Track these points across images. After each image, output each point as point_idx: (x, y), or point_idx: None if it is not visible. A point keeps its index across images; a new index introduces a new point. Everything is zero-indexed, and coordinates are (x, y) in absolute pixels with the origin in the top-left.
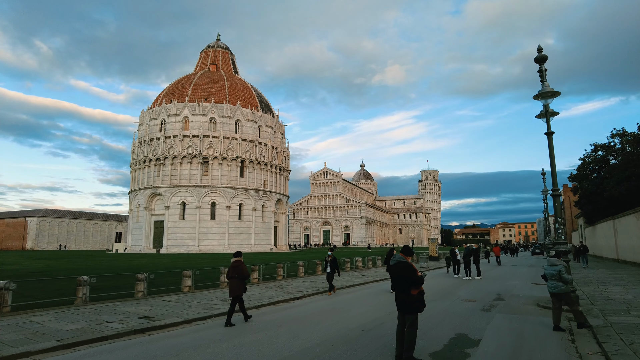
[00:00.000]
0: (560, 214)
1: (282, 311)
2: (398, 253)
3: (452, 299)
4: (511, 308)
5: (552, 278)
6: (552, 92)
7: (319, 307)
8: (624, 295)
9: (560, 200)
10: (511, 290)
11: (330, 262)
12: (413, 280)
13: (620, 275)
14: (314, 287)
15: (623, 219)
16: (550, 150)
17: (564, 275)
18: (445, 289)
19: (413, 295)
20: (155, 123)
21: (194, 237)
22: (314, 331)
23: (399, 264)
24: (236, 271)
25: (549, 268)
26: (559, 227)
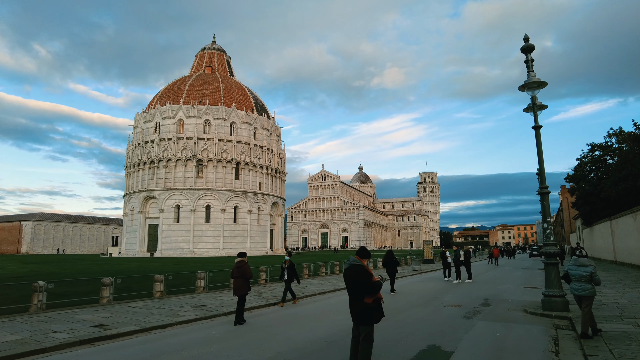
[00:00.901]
0: (550, 214)
1: (248, 319)
2: (352, 255)
3: (435, 304)
4: (496, 315)
5: (581, 280)
6: (539, 83)
7: (283, 315)
8: (618, 300)
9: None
10: (501, 294)
11: (287, 269)
12: (367, 287)
13: (617, 278)
14: (297, 291)
15: (620, 220)
16: (538, 144)
17: (596, 277)
18: (431, 294)
19: (367, 304)
20: (150, 126)
21: (188, 240)
22: (270, 343)
23: (352, 267)
24: (240, 271)
25: (578, 269)
26: (548, 227)
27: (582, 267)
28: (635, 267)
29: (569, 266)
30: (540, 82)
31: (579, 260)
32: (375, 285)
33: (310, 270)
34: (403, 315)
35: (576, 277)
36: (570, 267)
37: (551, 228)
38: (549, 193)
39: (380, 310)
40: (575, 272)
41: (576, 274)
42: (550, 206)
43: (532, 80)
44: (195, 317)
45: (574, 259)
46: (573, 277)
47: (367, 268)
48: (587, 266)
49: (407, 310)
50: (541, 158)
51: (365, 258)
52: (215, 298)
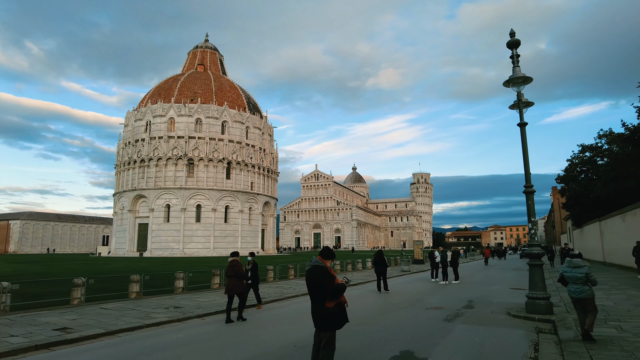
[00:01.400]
0: (535, 214)
1: (210, 324)
2: (315, 256)
3: (418, 306)
4: (478, 318)
5: (578, 282)
6: (524, 79)
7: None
8: (603, 302)
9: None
10: (487, 296)
11: (251, 270)
12: (329, 290)
13: (605, 279)
14: (278, 293)
15: (609, 221)
16: (523, 142)
17: (592, 277)
18: (416, 295)
19: (329, 309)
20: (141, 124)
21: (178, 240)
22: (238, 348)
23: (314, 269)
24: (234, 270)
25: (573, 271)
26: (532, 227)
27: (577, 269)
28: (624, 268)
29: (563, 268)
30: (526, 78)
31: (573, 261)
32: (338, 288)
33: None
34: (382, 318)
35: (572, 279)
36: (565, 269)
37: (536, 228)
38: (533, 192)
39: (344, 315)
40: (571, 274)
41: (572, 275)
42: (543, 207)
43: (517, 76)
44: (167, 319)
45: (568, 261)
46: (569, 280)
47: (330, 270)
48: (582, 267)
49: (388, 312)
50: (526, 156)
51: (329, 259)
52: (193, 299)
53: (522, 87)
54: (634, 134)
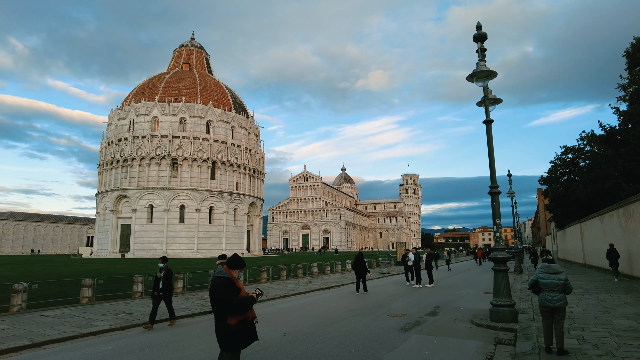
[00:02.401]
0: (500, 215)
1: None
2: (220, 265)
3: (378, 313)
4: (437, 326)
5: (555, 289)
6: (488, 72)
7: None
8: (573, 308)
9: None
10: (456, 300)
11: (163, 278)
12: (229, 305)
13: (581, 282)
14: None
15: (589, 223)
16: (489, 139)
17: (569, 284)
18: (381, 300)
19: (230, 326)
20: (124, 123)
21: (161, 241)
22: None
23: (216, 279)
24: None
25: (551, 277)
26: (497, 230)
27: (555, 275)
28: (602, 270)
29: (538, 274)
30: (490, 72)
31: (552, 267)
32: (241, 303)
33: (269, 275)
34: (334, 326)
35: (550, 287)
36: (542, 275)
37: (500, 231)
38: (499, 193)
39: (250, 332)
40: (548, 281)
41: (549, 282)
42: (530, 209)
43: (481, 69)
44: (108, 327)
45: (544, 266)
46: (545, 287)
47: (236, 281)
48: (560, 273)
49: (344, 319)
50: (492, 155)
51: (236, 268)
52: (149, 305)
53: (486, 81)
54: (611, 135)
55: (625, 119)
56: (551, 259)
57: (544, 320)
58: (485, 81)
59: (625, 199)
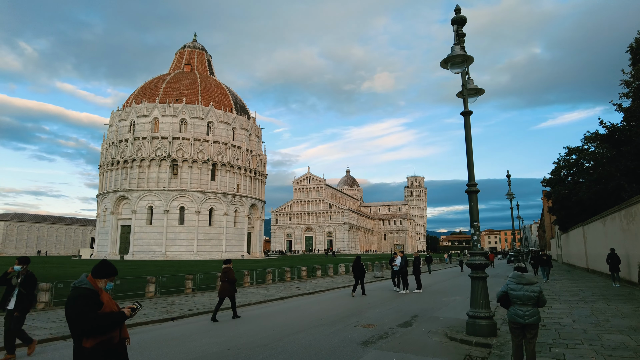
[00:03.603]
0: (478, 217)
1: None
2: (86, 273)
3: (348, 322)
4: (405, 340)
5: (528, 303)
6: (464, 57)
7: (152, 336)
8: (562, 319)
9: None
10: (439, 308)
11: (20, 286)
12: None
13: (579, 289)
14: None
15: (591, 225)
16: (467, 132)
17: (544, 297)
18: (357, 308)
19: (85, 349)
20: (125, 124)
21: (161, 243)
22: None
23: (73, 291)
24: (226, 276)
25: (524, 288)
26: (475, 232)
27: (528, 286)
28: (605, 275)
29: (509, 284)
30: (466, 57)
31: (524, 276)
32: (102, 319)
33: (253, 279)
34: (290, 339)
35: (522, 300)
36: (512, 286)
37: (478, 234)
38: (477, 192)
39: (116, 357)
40: (520, 293)
41: (521, 294)
42: (536, 212)
43: (456, 54)
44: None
45: (516, 275)
46: (516, 300)
47: (101, 293)
48: (534, 284)
49: (306, 330)
50: (470, 150)
51: (102, 277)
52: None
53: (461, 68)
54: (613, 133)
55: (627, 116)
56: (523, 267)
57: (514, 339)
58: (460, 67)
59: (627, 201)
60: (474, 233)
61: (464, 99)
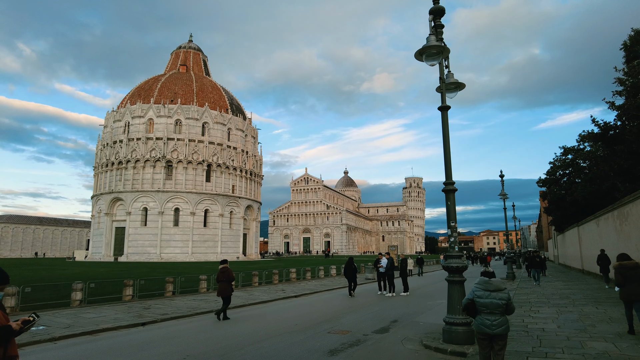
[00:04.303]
0: (455, 216)
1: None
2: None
3: (321, 329)
4: (376, 349)
5: (496, 311)
6: (439, 49)
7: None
8: (547, 324)
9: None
10: (422, 313)
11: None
12: None
13: (571, 291)
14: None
15: (586, 226)
16: (445, 128)
17: (512, 305)
18: (335, 312)
19: None
20: (119, 125)
21: (155, 244)
22: None
23: None
24: (224, 275)
25: (491, 295)
26: (452, 233)
27: (496, 293)
28: (599, 277)
29: (475, 291)
30: (441, 48)
31: (492, 282)
32: None
33: (238, 282)
34: (253, 347)
35: (489, 307)
36: (479, 293)
37: (456, 235)
38: (454, 191)
39: None
40: (487, 301)
41: (488, 302)
42: (535, 212)
43: (431, 44)
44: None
45: (483, 281)
46: (483, 308)
47: None
48: (502, 290)
49: (274, 337)
50: (447, 146)
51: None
52: (77, 316)
53: (436, 60)
54: (606, 131)
55: (621, 114)
56: (491, 272)
57: (481, 350)
58: (436, 59)
59: (619, 201)
60: (451, 234)
61: (442, 93)
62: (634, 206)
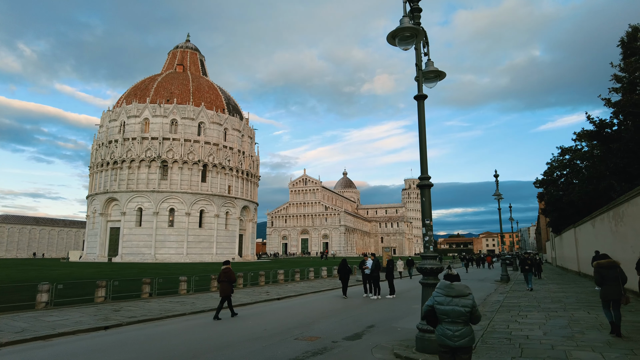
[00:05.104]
0: (430, 214)
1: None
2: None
3: (290, 335)
4: (340, 358)
5: (459, 320)
6: (413, 31)
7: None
8: (532, 331)
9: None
10: (402, 317)
11: None
12: None
13: (564, 295)
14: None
15: (582, 227)
16: (421, 119)
17: (477, 313)
18: (311, 316)
19: None
20: (115, 125)
21: (150, 245)
22: None
23: None
24: (226, 276)
25: (453, 302)
26: (427, 232)
27: (459, 299)
28: None
29: (435, 297)
30: (415, 30)
31: (454, 286)
32: None
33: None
34: (207, 356)
35: (451, 316)
36: (439, 299)
37: (430, 234)
38: (430, 186)
39: None
40: (448, 308)
41: (449, 310)
42: (533, 214)
43: (404, 26)
44: None
45: (445, 285)
46: (444, 316)
47: None
48: (465, 296)
49: (234, 345)
50: (423, 138)
51: None
52: (37, 319)
53: (410, 44)
54: (601, 128)
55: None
56: (454, 275)
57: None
58: (409, 43)
59: (615, 200)
60: (426, 233)
61: (418, 82)
62: (629, 206)
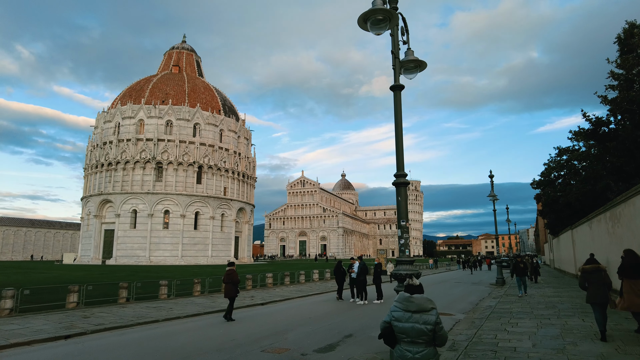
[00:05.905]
0: (407, 214)
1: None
2: None
3: (256, 346)
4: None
5: (419, 340)
6: (386, 13)
7: None
8: (521, 342)
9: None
10: None
11: None
12: None
13: (559, 300)
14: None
15: (579, 229)
16: (397, 110)
17: (442, 332)
18: (287, 324)
19: None
20: (110, 126)
21: (144, 247)
22: None
23: None
24: (229, 278)
25: (412, 318)
26: (403, 234)
27: (419, 315)
28: None
29: (393, 312)
30: (390, 13)
31: (414, 299)
32: None
33: (205, 287)
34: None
35: (409, 335)
36: (397, 314)
37: (406, 237)
38: (406, 184)
39: None
40: (407, 325)
41: (409, 327)
42: (531, 216)
43: (376, 8)
44: None
45: (403, 298)
46: (403, 335)
47: None
48: (428, 311)
49: (192, 357)
50: (399, 131)
51: None
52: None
53: (383, 29)
54: (597, 127)
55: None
56: (416, 285)
57: None
58: (382, 28)
59: (611, 201)
60: (402, 235)
61: (395, 71)
62: (626, 206)
